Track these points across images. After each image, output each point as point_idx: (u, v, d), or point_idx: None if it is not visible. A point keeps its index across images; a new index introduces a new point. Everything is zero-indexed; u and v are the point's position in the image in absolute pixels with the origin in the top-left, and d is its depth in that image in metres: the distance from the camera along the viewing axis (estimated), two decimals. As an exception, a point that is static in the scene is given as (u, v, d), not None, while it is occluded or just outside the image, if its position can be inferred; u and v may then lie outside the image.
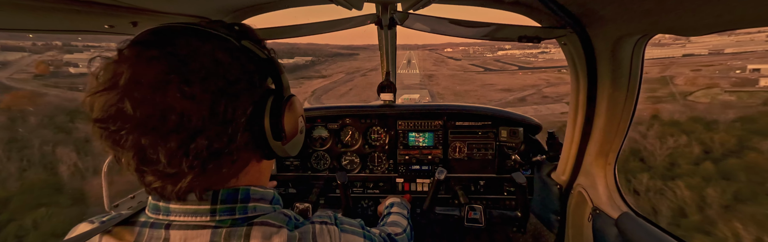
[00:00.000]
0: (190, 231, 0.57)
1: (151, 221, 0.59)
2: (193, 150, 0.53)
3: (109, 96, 0.51)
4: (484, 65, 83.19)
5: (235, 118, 0.56)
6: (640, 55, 1.22)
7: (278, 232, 0.59)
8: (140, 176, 0.56)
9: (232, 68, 0.56)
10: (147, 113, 0.50)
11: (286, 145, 0.66)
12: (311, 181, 2.35)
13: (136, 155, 0.52)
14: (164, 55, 0.52)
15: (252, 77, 0.59)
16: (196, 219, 0.58)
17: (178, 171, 0.54)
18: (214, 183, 0.60)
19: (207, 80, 0.52)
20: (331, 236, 0.65)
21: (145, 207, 0.63)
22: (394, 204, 1.51)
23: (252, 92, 0.59)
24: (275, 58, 0.64)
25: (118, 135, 0.51)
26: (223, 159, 0.57)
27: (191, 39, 0.55)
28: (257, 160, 0.67)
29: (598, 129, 1.45)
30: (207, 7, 1.32)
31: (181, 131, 0.51)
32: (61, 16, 0.96)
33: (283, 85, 0.65)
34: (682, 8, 0.84)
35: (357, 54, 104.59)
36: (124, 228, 0.59)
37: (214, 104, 0.53)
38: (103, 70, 0.53)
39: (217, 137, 0.54)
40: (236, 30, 0.63)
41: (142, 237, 0.58)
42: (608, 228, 1.37)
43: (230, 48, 0.57)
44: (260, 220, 0.60)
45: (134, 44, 0.54)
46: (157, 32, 0.56)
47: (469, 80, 61.26)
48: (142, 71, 0.50)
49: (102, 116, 0.51)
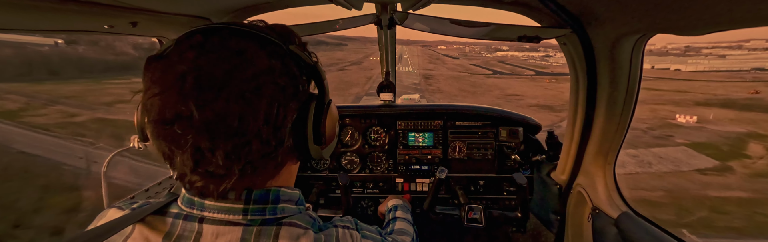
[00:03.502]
0: (222, 227, 0.58)
1: (184, 213, 0.61)
2: (246, 154, 0.55)
3: (167, 98, 0.52)
4: (488, 65, 75.28)
5: (284, 123, 0.58)
6: (640, 55, 1.22)
7: (305, 234, 0.61)
8: (190, 175, 0.57)
9: (282, 74, 0.57)
10: (210, 117, 0.51)
11: (324, 149, 0.68)
12: (311, 181, 2.35)
13: (194, 157, 0.54)
14: (225, 59, 0.53)
15: (298, 82, 0.60)
16: (229, 216, 0.60)
17: (228, 173, 0.56)
18: (254, 184, 0.62)
19: (262, 86, 0.54)
20: (353, 240, 0.68)
21: (176, 198, 0.64)
22: (398, 206, 1.51)
23: (298, 98, 0.61)
24: (318, 64, 0.66)
25: (179, 137, 0.52)
26: (269, 162, 0.59)
27: (245, 43, 0.56)
28: (293, 162, 0.69)
29: (598, 129, 1.45)
30: (207, 7, 1.32)
31: (240, 135, 0.53)
32: (61, 16, 0.96)
33: (325, 90, 0.66)
34: (682, 8, 0.84)
35: (345, 45, 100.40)
36: (157, 218, 0.61)
37: (269, 109, 0.55)
38: (157, 71, 0.53)
39: (269, 141, 0.56)
40: (282, 33, 0.64)
41: (175, 227, 0.59)
42: (608, 227, 1.37)
43: (280, 53, 0.58)
44: (288, 221, 0.62)
45: (189, 47, 0.54)
46: (209, 34, 0.56)
47: (478, 86, 47.83)
48: (205, 74, 0.51)
49: (163, 118, 0.52)
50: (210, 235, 0.58)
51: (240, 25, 0.60)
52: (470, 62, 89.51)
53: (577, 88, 1.49)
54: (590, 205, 1.51)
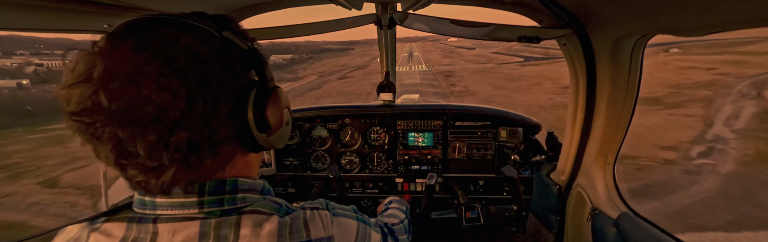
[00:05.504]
0: (178, 223, 0.56)
1: (138, 216, 0.59)
2: (173, 143, 0.52)
3: (83, 89, 0.50)
4: (514, 52, 62.56)
5: (215, 110, 0.55)
6: (640, 56, 1.22)
7: (269, 219, 0.59)
8: (122, 171, 0.55)
9: (211, 60, 0.55)
10: (123, 106, 0.49)
11: (272, 137, 0.66)
12: (310, 181, 2.35)
13: (114, 149, 0.51)
14: (140, 47, 0.51)
15: (233, 68, 0.58)
16: (184, 211, 0.57)
17: (160, 164, 0.53)
18: (200, 176, 0.59)
19: (184, 72, 0.51)
20: (322, 220, 0.65)
21: (131, 203, 0.62)
22: (393, 201, 1.52)
23: (234, 84, 0.58)
24: (258, 50, 0.63)
25: (94, 128, 0.50)
26: (205, 152, 0.56)
27: (169, 30, 0.54)
28: (243, 153, 0.66)
29: (598, 129, 1.45)
30: (207, 7, 1.32)
31: (159, 123, 0.50)
32: (60, 16, 0.96)
33: (266, 76, 0.64)
34: (683, 8, 0.84)
35: (351, 49, 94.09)
36: (113, 224, 0.59)
37: (192, 96, 0.52)
38: (77, 62, 0.52)
39: (197, 129, 0.53)
40: (217, 21, 0.62)
41: (130, 232, 0.57)
42: (607, 228, 1.37)
43: (210, 39, 0.56)
44: (250, 209, 0.60)
45: (110, 36, 0.53)
46: (134, 24, 0.55)
47: (516, 78, 32.29)
48: (116, 63, 0.50)
49: (78, 109, 0.50)
50: (167, 234, 0.56)
51: (167, 14, 0.58)
52: (489, 50, 77.43)
53: (577, 88, 1.49)
54: (590, 205, 1.51)
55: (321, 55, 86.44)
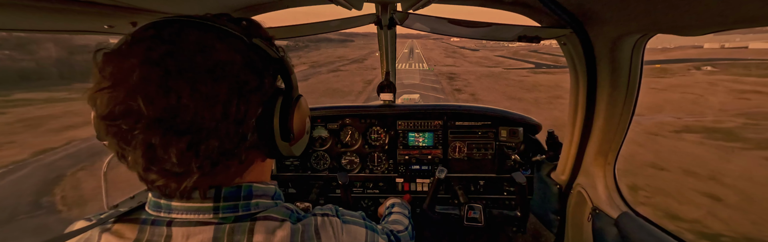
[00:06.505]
0: (192, 228, 0.56)
1: (152, 218, 0.58)
2: (204, 150, 0.52)
3: (116, 93, 0.49)
4: (520, 57, 58.91)
5: (246, 118, 0.55)
6: (640, 55, 1.22)
7: (281, 226, 0.59)
8: (145, 174, 0.55)
9: (244, 68, 0.55)
10: (159, 113, 0.49)
11: (293, 146, 0.66)
12: (311, 181, 2.35)
13: (146, 154, 0.51)
14: (176, 53, 0.50)
15: (263, 76, 0.58)
16: (199, 216, 0.58)
17: (186, 170, 0.53)
18: (219, 181, 0.59)
19: (220, 79, 0.51)
20: (333, 227, 0.66)
21: (145, 204, 0.62)
22: (395, 204, 1.52)
23: (262, 93, 0.58)
24: (285, 58, 0.63)
25: (127, 133, 0.50)
26: (232, 159, 0.56)
27: (202, 35, 0.53)
28: (262, 159, 0.67)
29: (598, 129, 1.45)
30: (207, 7, 1.32)
31: (194, 131, 0.50)
32: (60, 16, 0.96)
33: (292, 85, 0.64)
34: (682, 8, 0.84)
35: (351, 41, 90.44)
36: (125, 225, 0.59)
37: (227, 104, 0.52)
38: (109, 65, 0.51)
39: (228, 137, 0.54)
40: (245, 26, 0.62)
41: (143, 234, 0.57)
42: (608, 227, 1.37)
43: (242, 46, 0.56)
44: (263, 215, 0.60)
45: (142, 39, 0.52)
46: (164, 27, 0.53)
47: (531, 87, 28.22)
48: (153, 68, 0.49)
49: (110, 114, 0.49)
50: (180, 237, 0.56)
51: (198, 17, 0.57)
52: (494, 53, 73.05)
53: (577, 88, 1.49)
54: (590, 205, 1.51)
55: (319, 44, 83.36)
